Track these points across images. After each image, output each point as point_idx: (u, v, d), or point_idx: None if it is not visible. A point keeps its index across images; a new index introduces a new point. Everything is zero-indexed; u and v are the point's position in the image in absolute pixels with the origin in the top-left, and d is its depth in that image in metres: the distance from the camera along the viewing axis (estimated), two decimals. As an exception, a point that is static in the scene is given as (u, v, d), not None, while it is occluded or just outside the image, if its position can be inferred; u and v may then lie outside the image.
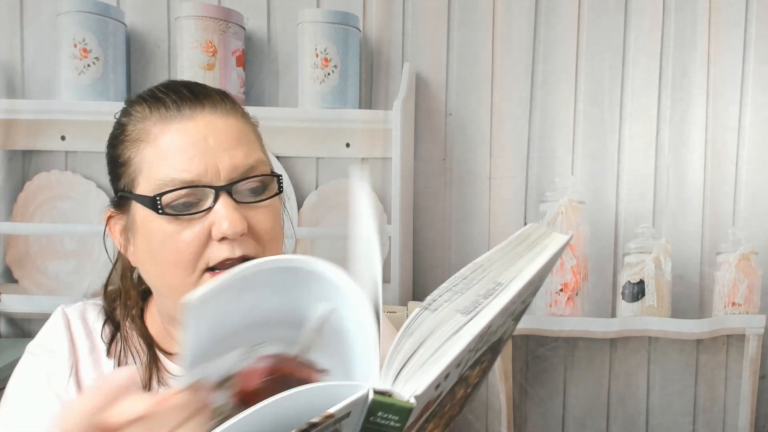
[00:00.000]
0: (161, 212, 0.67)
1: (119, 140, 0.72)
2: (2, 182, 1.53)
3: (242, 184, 0.69)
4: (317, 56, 1.56)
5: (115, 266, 0.82)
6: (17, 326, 1.54)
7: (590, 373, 1.71)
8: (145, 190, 0.68)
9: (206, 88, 0.74)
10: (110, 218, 0.75)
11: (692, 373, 1.70)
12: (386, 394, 0.42)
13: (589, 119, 1.66)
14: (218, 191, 0.67)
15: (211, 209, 0.67)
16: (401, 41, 1.65)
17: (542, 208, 1.66)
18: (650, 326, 1.65)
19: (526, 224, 1.61)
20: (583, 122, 1.66)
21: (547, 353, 1.70)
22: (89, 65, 1.49)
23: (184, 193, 0.67)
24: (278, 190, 0.72)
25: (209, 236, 0.67)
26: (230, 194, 0.67)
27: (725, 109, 1.65)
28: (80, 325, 0.78)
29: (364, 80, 1.63)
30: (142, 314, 0.79)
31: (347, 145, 1.61)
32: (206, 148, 0.68)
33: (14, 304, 1.51)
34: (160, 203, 0.66)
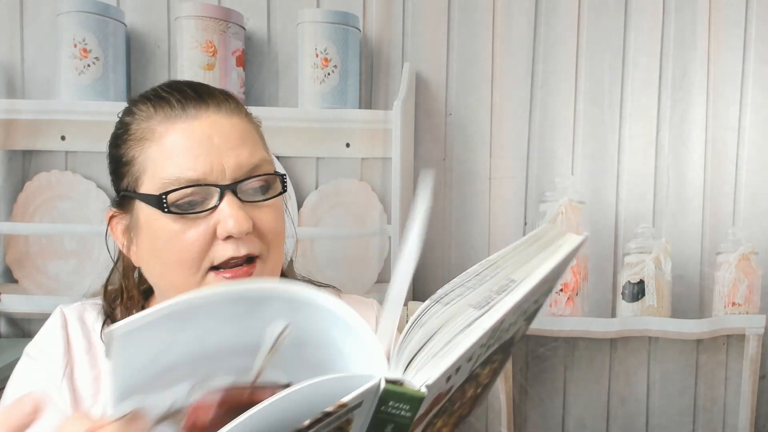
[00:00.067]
0: (167, 211, 0.67)
1: (122, 139, 0.72)
2: (2, 182, 1.53)
3: (247, 183, 0.69)
4: (317, 56, 1.56)
5: (116, 266, 0.82)
6: (17, 326, 1.54)
7: (590, 373, 1.71)
8: (149, 189, 0.68)
9: (210, 88, 0.74)
10: (112, 218, 0.75)
11: (692, 373, 1.70)
12: (397, 382, 0.42)
13: (589, 119, 1.66)
14: (223, 190, 0.67)
15: (216, 208, 0.67)
16: (401, 41, 1.65)
17: (542, 208, 1.65)
18: (650, 326, 1.65)
19: (526, 224, 1.60)
20: (583, 122, 1.66)
21: (547, 353, 1.70)
22: (89, 65, 1.49)
23: (189, 191, 0.67)
24: (282, 189, 0.73)
25: (214, 235, 0.67)
26: (235, 193, 0.68)
27: (725, 109, 1.65)
28: (77, 324, 0.78)
29: (364, 80, 1.63)
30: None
31: (347, 145, 1.61)
32: (211, 147, 0.68)
33: (14, 304, 1.50)
34: (165, 202, 0.66)
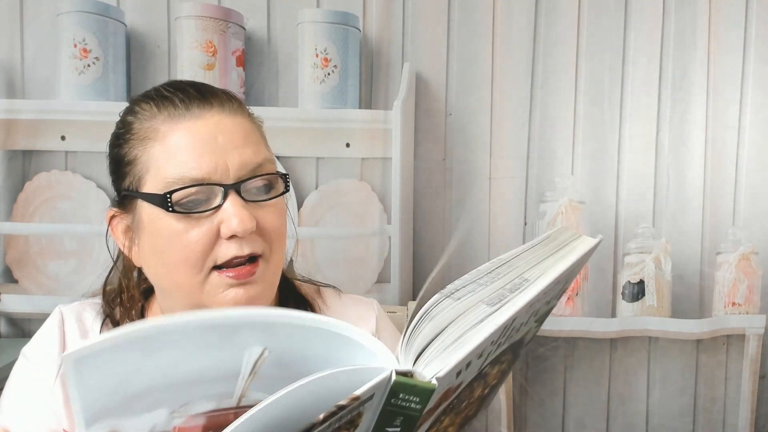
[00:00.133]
0: (171, 210, 0.67)
1: (124, 139, 0.72)
2: (2, 182, 1.52)
3: (250, 182, 0.69)
4: (317, 56, 1.56)
5: (115, 265, 0.81)
6: (17, 326, 1.54)
7: (590, 373, 1.71)
8: (152, 188, 0.68)
9: (212, 87, 0.74)
10: (113, 218, 0.75)
11: (692, 373, 1.70)
12: (408, 374, 0.42)
13: (589, 119, 1.66)
14: (227, 189, 0.67)
15: (219, 207, 0.67)
16: (401, 41, 1.64)
17: (542, 208, 1.65)
18: (650, 326, 1.65)
19: (526, 224, 1.60)
20: (583, 122, 1.66)
21: (547, 353, 1.70)
22: (89, 65, 1.48)
23: (193, 191, 0.67)
24: (285, 188, 0.73)
25: (217, 234, 0.67)
26: (239, 192, 0.68)
27: (725, 109, 1.65)
28: (75, 324, 0.78)
29: (364, 80, 1.63)
30: (143, 313, 0.79)
31: (347, 145, 1.61)
32: (215, 146, 0.68)
33: (14, 304, 1.50)
34: (170, 201, 0.66)
